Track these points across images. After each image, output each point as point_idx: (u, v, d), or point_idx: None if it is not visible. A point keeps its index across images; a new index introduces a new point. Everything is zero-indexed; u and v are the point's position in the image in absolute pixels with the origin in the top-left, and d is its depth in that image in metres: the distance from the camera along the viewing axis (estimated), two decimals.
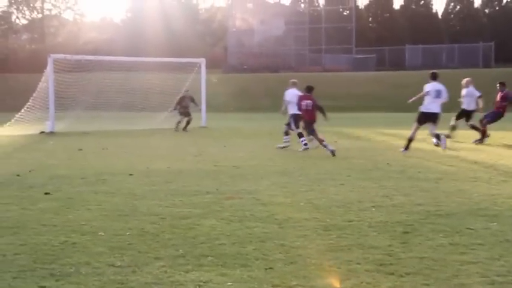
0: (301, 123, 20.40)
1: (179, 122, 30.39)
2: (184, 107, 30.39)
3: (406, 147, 18.89)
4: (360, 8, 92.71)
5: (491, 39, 76.78)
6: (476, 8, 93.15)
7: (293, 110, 20.92)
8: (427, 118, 18.96)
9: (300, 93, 20.70)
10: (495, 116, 22.83)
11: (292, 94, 21.34)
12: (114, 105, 35.95)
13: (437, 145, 19.55)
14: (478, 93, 23.05)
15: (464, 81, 23.84)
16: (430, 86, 19.11)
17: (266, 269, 6.60)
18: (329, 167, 15.38)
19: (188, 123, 30.25)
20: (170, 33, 76.42)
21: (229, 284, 6.16)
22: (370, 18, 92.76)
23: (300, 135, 20.72)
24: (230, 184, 12.63)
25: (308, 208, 9.89)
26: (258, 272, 6.48)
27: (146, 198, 11.04)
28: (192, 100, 30.40)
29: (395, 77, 61.33)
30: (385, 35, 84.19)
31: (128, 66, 37.00)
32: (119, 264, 6.84)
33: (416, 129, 18.83)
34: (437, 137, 19.22)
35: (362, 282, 6.17)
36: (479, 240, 7.78)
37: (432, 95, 18.87)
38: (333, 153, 18.12)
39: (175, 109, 30.75)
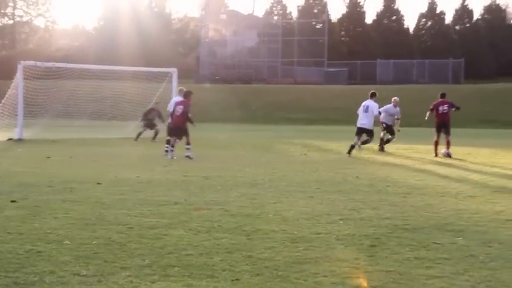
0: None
1: (140, 133, 30.48)
2: (150, 119, 30.43)
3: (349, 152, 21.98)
4: (333, 21, 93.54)
5: (462, 56, 77.88)
6: (447, 25, 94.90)
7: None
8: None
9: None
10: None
11: (173, 102, 22.73)
12: (84, 113, 35.82)
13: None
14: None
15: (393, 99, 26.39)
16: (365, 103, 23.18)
17: (232, 280, 6.56)
18: (299, 179, 15.42)
19: (156, 133, 30.19)
20: (143, 42, 76.30)
21: None
22: (343, 32, 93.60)
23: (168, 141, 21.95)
24: (199, 195, 12.59)
25: (276, 220, 9.86)
26: (224, 283, 6.44)
27: (114, 207, 10.95)
28: (159, 115, 30.18)
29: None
30: (357, 49, 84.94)
31: (99, 75, 36.76)
32: (84, 273, 6.76)
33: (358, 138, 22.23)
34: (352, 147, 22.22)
35: None
36: (445, 255, 7.81)
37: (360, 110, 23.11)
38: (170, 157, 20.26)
39: (141, 120, 30.72)
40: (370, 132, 22.23)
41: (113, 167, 18.08)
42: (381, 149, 24.93)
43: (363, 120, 22.25)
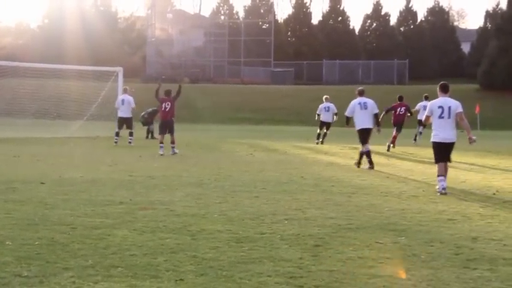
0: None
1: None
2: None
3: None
4: (279, 22, 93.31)
5: (406, 57, 78.57)
6: (392, 26, 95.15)
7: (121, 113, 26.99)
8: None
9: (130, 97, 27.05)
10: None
11: (120, 99, 27.56)
12: (28, 112, 35.28)
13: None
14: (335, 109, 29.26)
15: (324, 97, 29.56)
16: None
17: (176, 280, 6.53)
18: (244, 179, 15.40)
19: (148, 132, 31.87)
20: (88, 41, 75.38)
21: None
22: (289, 33, 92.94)
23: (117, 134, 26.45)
24: (144, 194, 12.52)
25: (221, 220, 9.84)
26: (168, 284, 6.42)
27: (57, 207, 10.84)
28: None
29: (312, 91, 61.80)
30: (304, 50, 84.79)
31: (44, 73, 36.23)
32: (26, 274, 6.67)
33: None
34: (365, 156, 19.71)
35: None
36: (387, 254, 7.86)
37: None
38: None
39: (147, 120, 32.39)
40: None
41: (57, 167, 17.88)
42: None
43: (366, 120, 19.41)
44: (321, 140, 29.54)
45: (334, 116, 29.97)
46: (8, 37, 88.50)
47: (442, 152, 14.11)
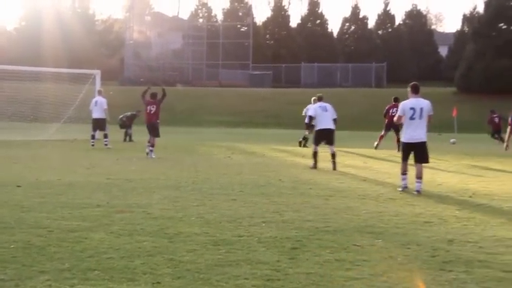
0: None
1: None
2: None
3: None
4: (258, 24, 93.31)
5: (384, 60, 78.71)
6: (370, 29, 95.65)
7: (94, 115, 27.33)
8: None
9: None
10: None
11: (93, 102, 27.88)
12: (4, 115, 35.11)
13: None
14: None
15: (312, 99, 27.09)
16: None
17: (153, 283, 6.52)
18: (222, 182, 15.37)
19: (126, 135, 32.23)
20: (66, 43, 75.10)
21: None
22: (268, 35, 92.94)
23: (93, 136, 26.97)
24: (121, 197, 12.49)
25: (199, 223, 9.82)
26: (145, 287, 6.41)
27: (34, 210, 10.79)
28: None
29: (290, 94, 62.04)
30: (282, 53, 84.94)
31: (21, 76, 36.06)
32: (2, 277, 6.65)
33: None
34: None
35: None
36: (364, 257, 7.86)
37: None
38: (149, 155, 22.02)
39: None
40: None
41: (34, 169, 17.81)
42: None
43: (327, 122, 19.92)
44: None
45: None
46: None
47: (411, 152, 14.42)
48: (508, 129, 25.23)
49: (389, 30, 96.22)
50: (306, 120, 24.79)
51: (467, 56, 69.46)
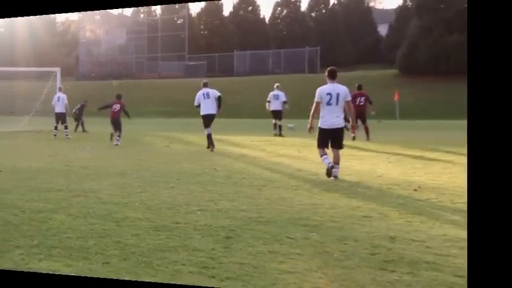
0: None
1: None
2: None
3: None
4: (193, 16, 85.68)
5: (318, 43, 68.64)
6: (303, 12, 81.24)
7: (57, 109, 27.48)
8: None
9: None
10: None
11: (56, 97, 28.08)
12: None
13: None
14: (284, 98, 26.39)
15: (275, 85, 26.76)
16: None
17: (103, 263, 6.34)
18: (162, 170, 14.66)
19: (77, 126, 32.29)
20: (34, 45, 73.77)
21: (72, 274, 5.82)
22: (202, 26, 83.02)
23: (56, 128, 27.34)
24: (78, 183, 12.36)
25: (141, 208, 9.42)
26: (97, 266, 6.26)
27: (11, 192, 10.86)
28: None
29: (223, 83, 55.73)
30: (215, 42, 76.83)
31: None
32: None
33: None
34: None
35: (186, 284, 5.68)
36: (298, 250, 6.73)
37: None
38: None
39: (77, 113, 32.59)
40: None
41: (12, 157, 17.75)
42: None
43: (209, 107, 20.69)
44: (277, 132, 26.12)
45: (285, 105, 26.32)
46: None
47: (328, 138, 12.75)
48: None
49: (323, 11, 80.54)
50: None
51: (411, 33, 56.36)
